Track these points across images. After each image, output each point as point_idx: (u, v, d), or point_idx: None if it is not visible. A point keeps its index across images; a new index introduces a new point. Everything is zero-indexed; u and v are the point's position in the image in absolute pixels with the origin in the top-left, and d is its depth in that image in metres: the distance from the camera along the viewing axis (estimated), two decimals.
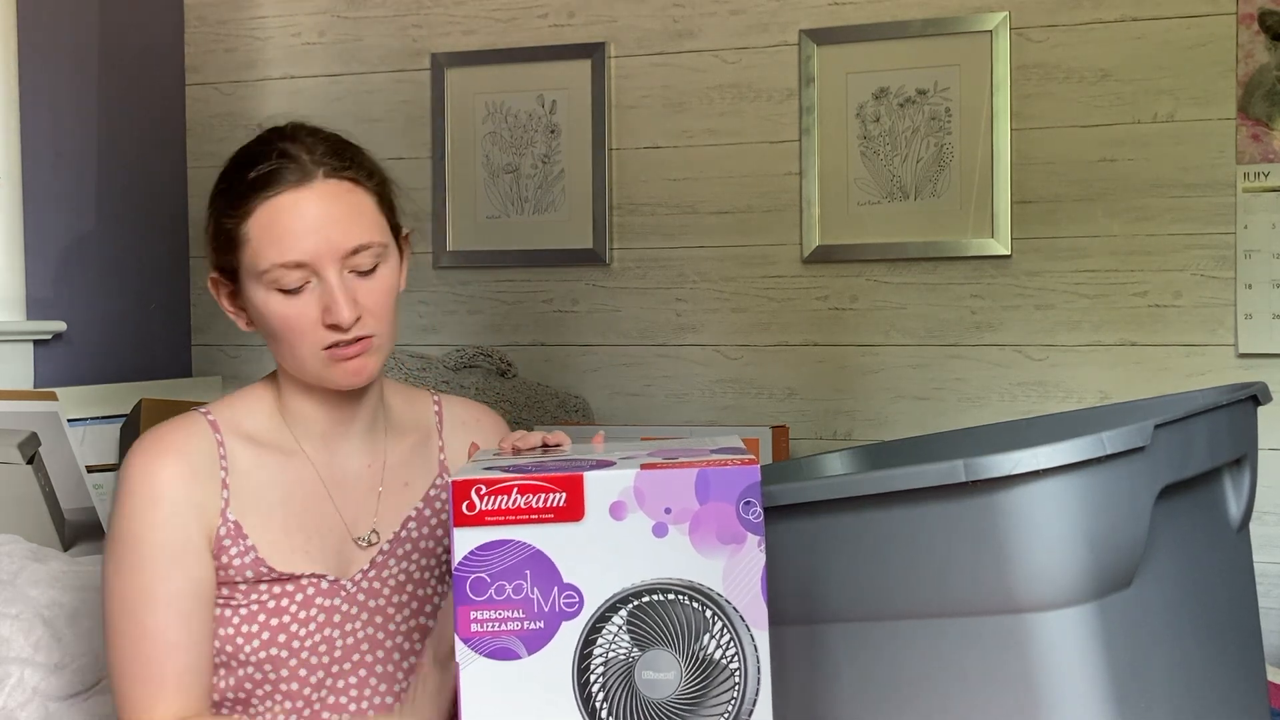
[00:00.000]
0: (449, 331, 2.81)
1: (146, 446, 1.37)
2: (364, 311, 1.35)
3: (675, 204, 2.67)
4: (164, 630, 1.33)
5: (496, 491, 1.07)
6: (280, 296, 1.34)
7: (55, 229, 2.55)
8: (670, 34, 2.67)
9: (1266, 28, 2.33)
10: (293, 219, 1.32)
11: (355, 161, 1.38)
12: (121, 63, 2.74)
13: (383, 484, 1.46)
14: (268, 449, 1.42)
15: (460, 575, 1.07)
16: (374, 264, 1.36)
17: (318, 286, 1.34)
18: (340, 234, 1.33)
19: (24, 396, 2.25)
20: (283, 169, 1.34)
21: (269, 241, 1.33)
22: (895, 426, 2.55)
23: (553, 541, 1.07)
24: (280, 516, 1.40)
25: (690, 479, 1.08)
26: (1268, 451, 2.34)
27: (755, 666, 1.09)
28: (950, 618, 1.21)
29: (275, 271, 1.33)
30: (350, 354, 1.35)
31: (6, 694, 1.58)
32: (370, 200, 1.38)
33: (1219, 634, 1.36)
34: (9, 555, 1.79)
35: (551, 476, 1.07)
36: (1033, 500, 1.15)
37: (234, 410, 1.43)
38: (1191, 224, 2.39)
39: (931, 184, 2.51)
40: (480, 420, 1.56)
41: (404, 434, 1.50)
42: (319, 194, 1.34)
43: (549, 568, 1.07)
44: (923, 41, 2.51)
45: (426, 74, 2.81)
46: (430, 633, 1.44)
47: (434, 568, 1.47)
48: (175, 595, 1.34)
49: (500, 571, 1.07)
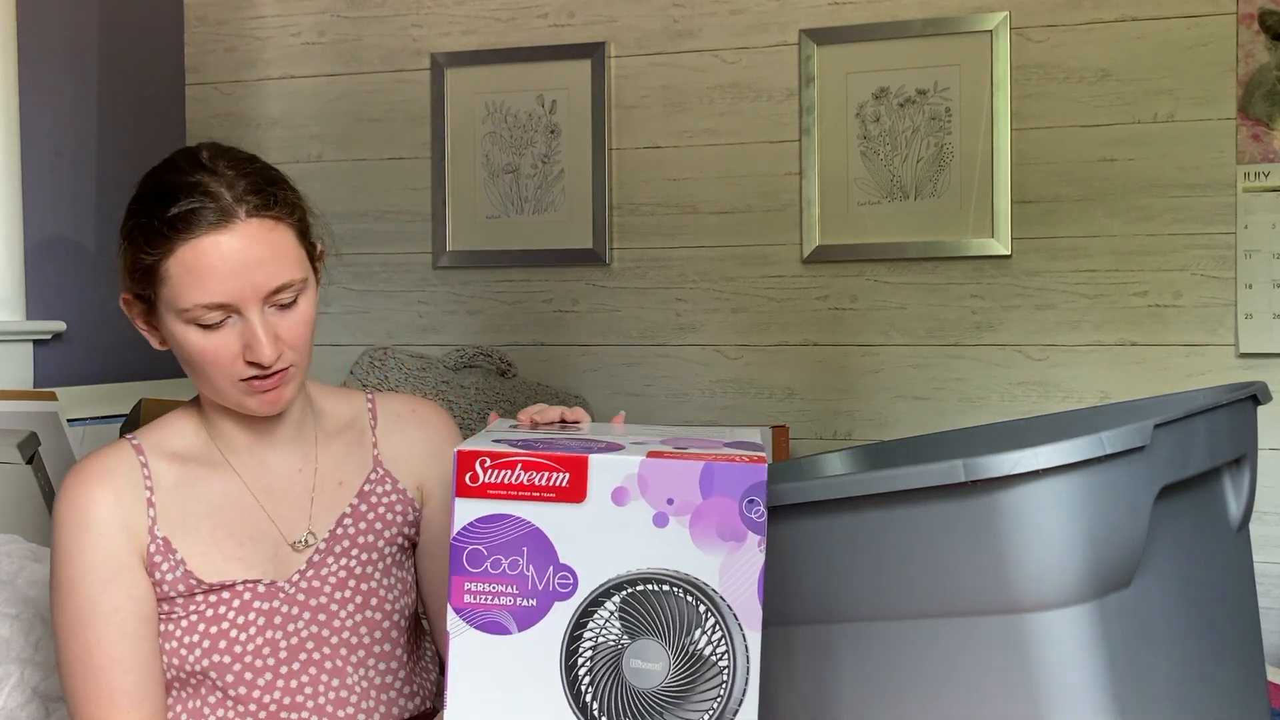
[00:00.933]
0: (449, 331, 2.81)
1: (73, 476, 1.40)
2: (284, 346, 1.35)
3: (675, 204, 2.67)
4: (107, 648, 1.35)
5: (500, 465, 1.07)
6: (199, 331, 1.33)
7: (55, 229, 2.55)
8: (670, 34, 2.67)
9: (1266, 28, 2.33)
10: (215, 261, 1.30)
11: (276, 199, 1.35)
12: (121, 63, 2.74)
13: (315, 488, 1.47)
14: (193, 465, 1.44)
15: (458, 545, 1.07)
16: (294, 299, 1.36)
17: (238, 323, 1.33)
18: (263, 276, 1.32)
19: (24, 396, 2.25)
20: (204, 209, 1.30)
21: (190, 283, 1.31)
22: (895, 426, 2.55)
23: (552, 521, 1.07)
24: (209, 528, 1.41)
25: (695, 471, 1.07)
26: (1268, 451, 2.34)
27: (744, 665, 1.09)
28: (950, 618, 1.21)
29: (196, 311, 1.32)
30: (268, 386, 1.36)
31: (6, 694, 1.59)
32: (291, 236, 1.36)
33: (1219, 634, 1.36)
34: (9, 555, 1.79)
35: (557, 456, 1.07)
36: (1032, 500, 1.15)
37: (159, 433, 1.45)
38: (1191, 224, 2.39)
39: (931, 184, 2.51)
40: (417, 411, 1.56)
41: (336, 434, 1.51)
42: (241, 235, 1.31)
43: (546, 546, 1.07)
44: (923, 41, 2.51)
45: (426, 74, 2.80)
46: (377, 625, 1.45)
47: (376, 562, 1.48)
48: (114, 613, 1.36)
49: (498, 545, 1.07)
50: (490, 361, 2.65)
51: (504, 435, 1.16)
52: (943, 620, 1.22)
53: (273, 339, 1.33)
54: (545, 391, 2.62)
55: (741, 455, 1.10)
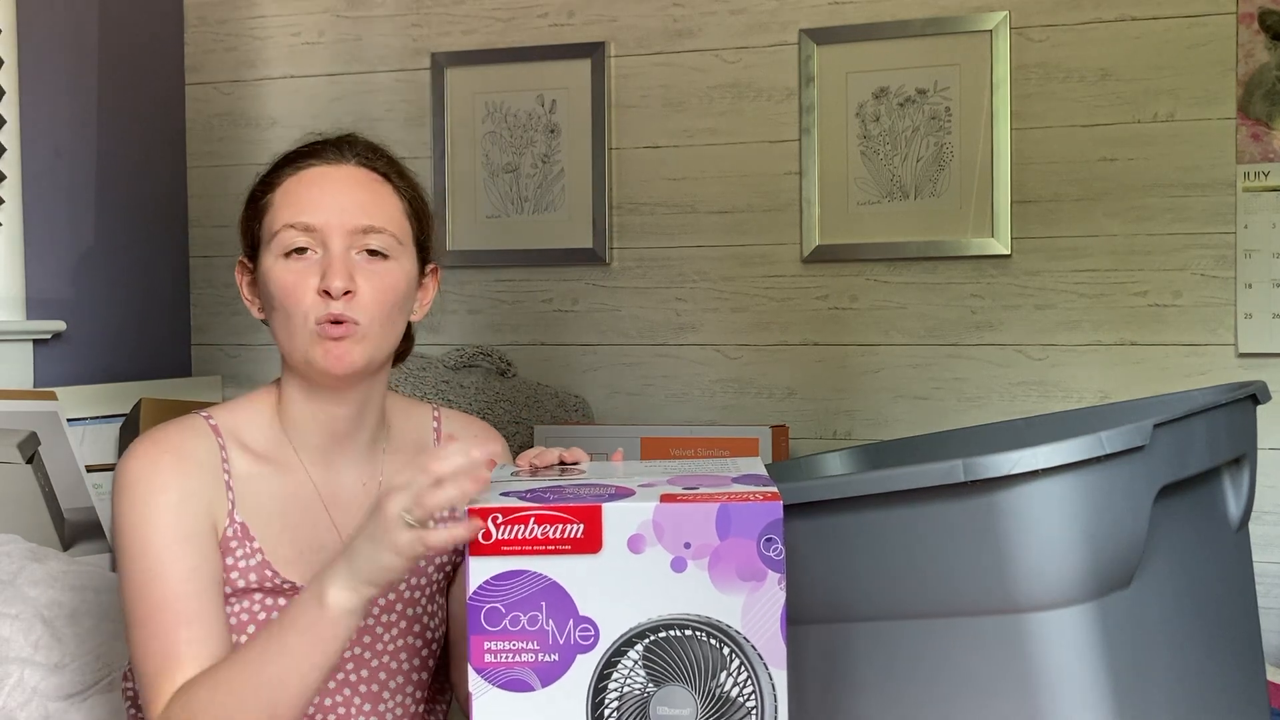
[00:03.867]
0: (449, 331, 2.81)
1: (147, 444, 1.36)
2: (358, 292, 1.34)
3: (675, 204, 2.67)
4: (176, 601, 1.30)
5: (513, 520, 1.05)
6: (284, 261, 1.35)
7: (55, 229, 2.55)
8: (670, 34, 2.67)
9: (1266, 27, 2.33)
10: (313, 185, 1.38)
11: (393, 167, 1.44)
12: (121, 63, 2.74)
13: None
14: (266, 460, 1.40)
15: (474, 604, 1.06)
16: (383, 252, 1.37)
17: (322, 256, 1.35)
18: (355, 209, 1.36)
19: (24, 396, 2.25)
20: (318, 150, 1.41)
21: (287, 204, 1.37)
22: (895, 426, 2.55)
23: (569, 573, 1.06)
24: (279, 527, 1.39)
25: (711, 513, 1.06)
26: (1267, 451, 2.34)
27: (772, 704, 1.07)
28: (949, 617, 1.21)
29: (285, 232, 1.35)
30: (335, 334, 1.33)
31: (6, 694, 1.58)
32: (396, 199, 1.41)
33: (1218, 633, 1.36)
34: (9, 555, 1.79)
35: (569, 507, 1.05)
36: (1032, 500, 1.15)
37: (234, 419, 1.42)
38: (1191, 224, 2.39)
39: (931, 184, 2.51)
40: (479, 436, 1.53)
41: (402, 450, 1.48)
42: (345, 173, 1.39)
43: (565, 599, 1.06)
44: (923, 41, 2.51)
45: (426, 74, 2.81)
46: (417, 651, 1.43)
47: (424, 587, 1.45)
48: (188, 572, 1.31)
49: (515, 602, 1.05)
50: (490, 361, 2.65)
51: (510, 487, 1.15)
52: (942, 620, 1.22)
53: (346, 273, 1.34)
54: (545, 391, 2.62)
55: (754, 493, 1.08)
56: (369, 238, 1.36)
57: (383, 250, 1.37)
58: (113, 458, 2.43)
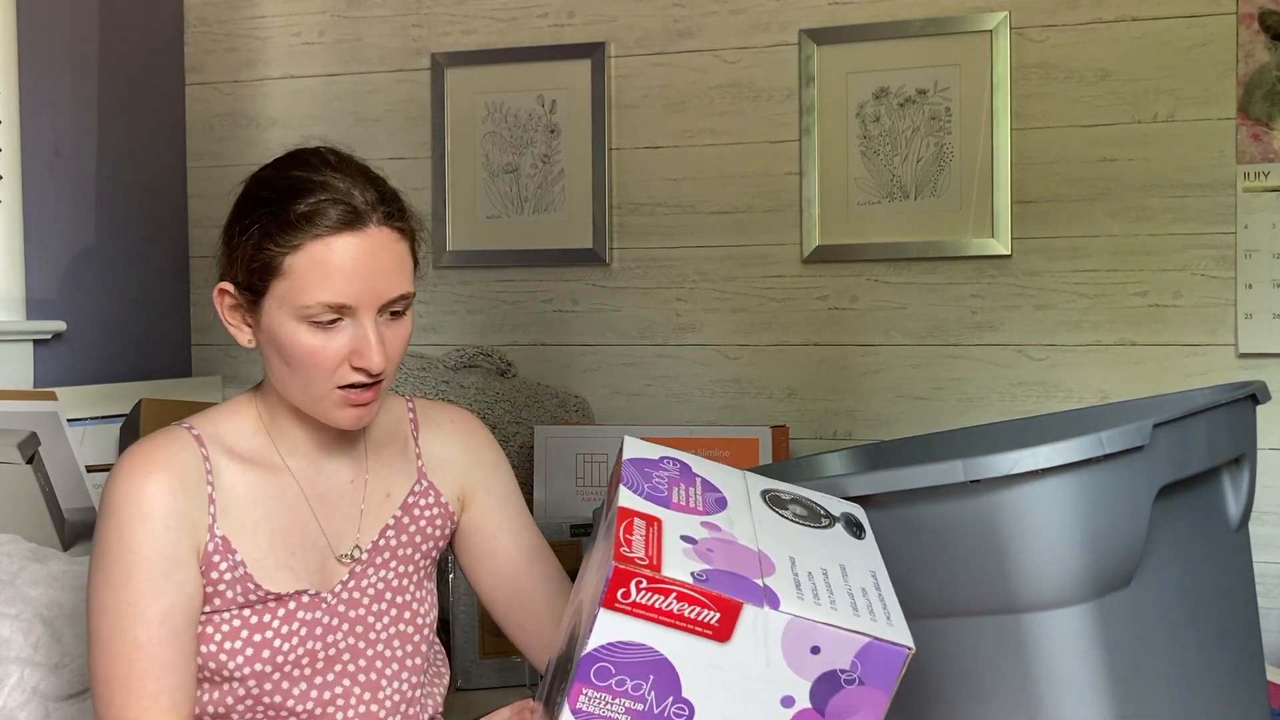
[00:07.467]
0: (449, 331, 2.81)
1: (132, 462, 1.35)
2: (386, 357, 1.36)
3: (675, 204, 2.67)
4: (156, 646, 1.31)
5: (655, 589, 1.04)
6: (310, 329, 1.33)
7: (55, 229, 2.55)
8: (670, 34, 2.67)
9: (1266, 27, 2.33)
10: (345, 261, 1.31)
11: (402, 211, 1.38)
12: (121, 63, 2.74)
13: (365, 499, 1.46)
14: (252, 464, 1.41)
15: (589, 658, 1.05)
16: (404, 311, 1.38)
17: (351, 327, 1.33)
18: (387, 283, 1.34)
19: (24, 396, 2.25)
20: (338, 207, 1.32)
21: (316, 280, 1.31)
22: (895, 426, 2.55)
23: (687, 653, 1.04)
24: (266, 533, 1.39)
25: (854, 646, 1.04)
26: (1267, 451, 2.34)
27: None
28: (949, 617, 1.21)
29: (316, 309, 1.32)
30: (364, 399, 1.35)
31: (6, 694, 1.59)
32: (408, 249, 1.39)
33: (1219, 633, 1.36)
34: (9, 555, 1.79)
35: (712, 595, 1.04)
36: (1032, 500, 1.15)
37: (217, 426, 1.42)
38: (1191, 224, 2.39)
39: (931, 184, 2.51)
40: (456, 421, 1.56)
41: (383, 444, 1.50)
42: (372, 240, 1.33)
43: (673, 677, 1.05)
44: (923, 41, 2.51)
45: (426, 74, 2.81)
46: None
47: (411, 574, 1.47)
48: (167, 611, 1.32)
49: (626, 665, 1.05)
50: (490, 361, 2.65)
51: (672, 529, 1.13)
52: (942, 620, 1.22)
53: (381, 348, 1.33)
54: (545, 391, 2.62)
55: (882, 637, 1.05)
56: (395, 305, 1.36)
57: (404, 309, 1.38)
58: (113, 458, 2.43)
